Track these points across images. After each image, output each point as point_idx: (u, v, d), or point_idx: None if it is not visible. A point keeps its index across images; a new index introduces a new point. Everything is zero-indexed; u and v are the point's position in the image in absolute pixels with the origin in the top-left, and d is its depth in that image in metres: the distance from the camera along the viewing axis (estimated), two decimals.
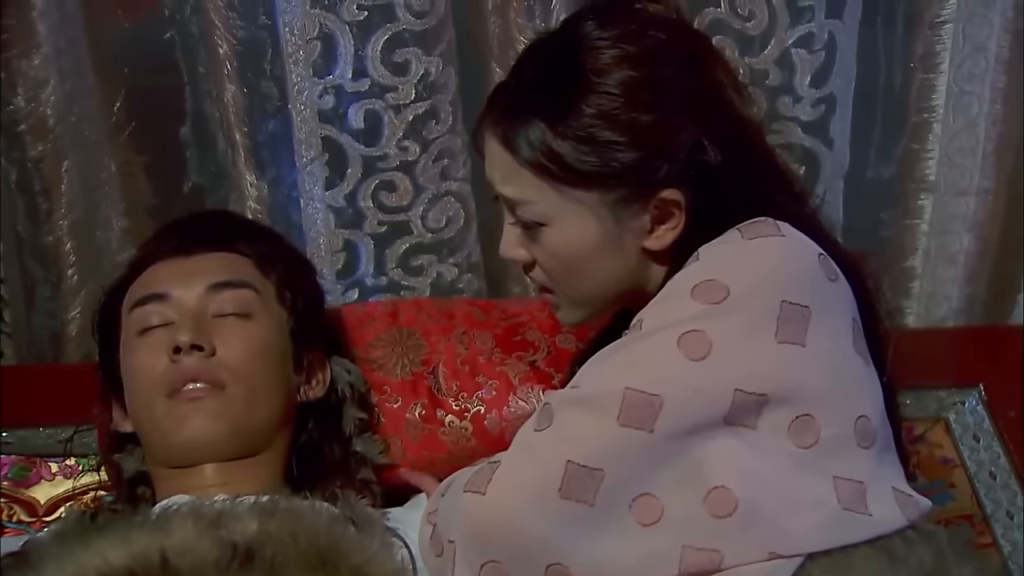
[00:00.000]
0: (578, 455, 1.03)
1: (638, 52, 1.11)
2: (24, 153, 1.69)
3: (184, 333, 1.24)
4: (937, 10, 1.71)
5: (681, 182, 1.11)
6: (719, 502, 1.02)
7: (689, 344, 1.04)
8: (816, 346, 1.05)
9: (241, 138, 1.70)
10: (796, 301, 1.05)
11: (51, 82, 1.66)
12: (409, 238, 1.76)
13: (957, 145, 1.78)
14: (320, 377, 1.36)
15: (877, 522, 1.04)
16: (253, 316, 1.29)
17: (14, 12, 1.63)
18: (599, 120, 1.10)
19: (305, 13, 1.60)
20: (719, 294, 1.05)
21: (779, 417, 1.04)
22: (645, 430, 1.02)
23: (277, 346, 1.30)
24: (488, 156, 1.18)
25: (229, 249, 1.34)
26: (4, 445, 1.54)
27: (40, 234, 1.74)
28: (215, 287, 1.29)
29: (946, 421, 1.57)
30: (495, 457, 1.12)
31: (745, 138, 1.15)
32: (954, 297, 1.87)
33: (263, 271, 1.33)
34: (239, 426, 1.24)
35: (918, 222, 1.85)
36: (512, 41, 1.66)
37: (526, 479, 1.05)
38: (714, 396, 1.03)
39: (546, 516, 1.03)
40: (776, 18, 1.66)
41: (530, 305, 1.56)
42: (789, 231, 1.10)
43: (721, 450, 1.03)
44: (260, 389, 1.26)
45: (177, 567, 0.86)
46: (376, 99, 1.66)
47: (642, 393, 1.02)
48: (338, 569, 0.89)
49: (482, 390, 1.45)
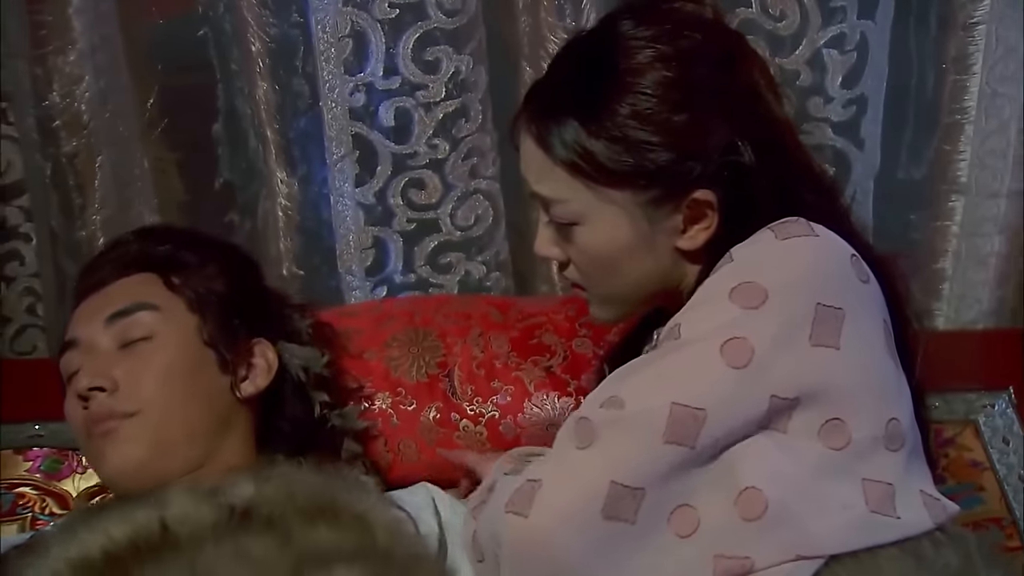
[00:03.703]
0: (622, 475, 1.02)
1: (673, 52, 1.11)
2: (58, 149, 1.71)
3: (82, 378, 1.25)
4: (970, 11, 1.69)
5: (714, 182, 1.11)
6: (750, 504, 1.02)
7: (732, 352, 1.03)
8: (849, 348, 1.05)
9: (272, 135, 1.71)
10: (830, 303, 1.05)
11: (86, 79, 1.67)
12: (438, 236, 1.76)
13: (989, 147, 1.77)
14: (261, 365, 1.33)
15: (905, 525, 1.04)
16: (154, 337, 1.27)
17: (50, 9, 1.64)
18: (633, 120, 1.10)
19: (337, 11, 1.61)
20: (757, 297, 1.04)
21: (811, 419, 1.04)
22: (688, 446, 1.02)
23: (187, 359, 1.28)
24: (523, 154, 1.18)
25: (135, 270, 1.33)
26: (37, 438, 1.56)
27: (73, 229, 1.75)
28: (110, 319, 1.28)
29: (975, 424, 1.56)
30: (534, 473, 1.08)
31: (779, 139, 1.15)
32: (984, 299, 1.86)
33: (168, 283, 1.31)
34: (159, 445, 1.23)
35: (949, 224, 1.83)
36: (542, 40, 1.67)
37: (570, 501, 1.04)
38: (753, 404, 1.03)
39: (589, 537, 1.02)
40: (808, 19, 1.65)
41: (547, 305, 1.56)
42: (822, 231, 1.10)
43: (752, 451, 1.03)
44: (173, 406, 1.25)
45: (177, 534, 0.87)
46: (407, 97, 1.67)
47: (687, 407, 1.01)
48: (338, 516, 0.90)
49: (497, 395, 1.45)
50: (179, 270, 1.32)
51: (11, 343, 1.86)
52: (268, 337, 1.35)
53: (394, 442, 1.45)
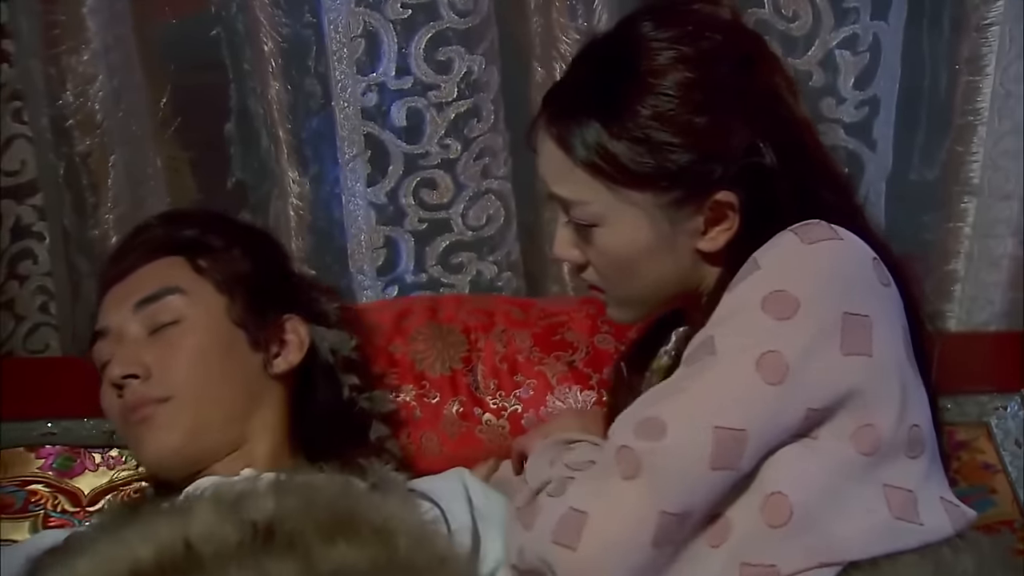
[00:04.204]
0: (671, 505, 1.01)
1: (695, 53, 1.10)
2: (72, 148, 1.71)
3: (114, 367, 1.26)
4: (984, 12, 1.69)
5: (735, 184, 1.10)
6: (775, 510, 1.01)
7: (767, 367, 1.02)
8: (880, 355, 1.04)
9: (284, 135, 1.71)
10: (857, 311, 1.04)
11: (99, 78, 1.68)
12: (449, 236, 1.77)
13: (1002, 148, 1.76)
14: (294, 341, 1.33)
15: (927, 531, 1.03)
16: (183, 320, 1.27)
17: (64, 8, 1.65)
18: (655, 121, 1.09)
19: (350, 11, 1.62)
20: (789, 307, 1.03)
21: (842, 424, 1.03)
22: (734, 469, 1.01)
23: (217, 340, 1.28)
24: (542, 155, 1.17)
25: (161, 254, 1.33)
26: (49, 436, 1.56)
27: (86, 228, 1.76)
28: (139, 305, 1.28)
29: (988, 426, 1.56)
30: (577, 500, 1.05)
31: (800, 140, 1.14)
32: (997, 301, 1.85)
33: (195, 266, 1.31)
34: (195, 429, 1.24)
35: (961, 225, 1.82)
36: (554, 40, 1.67)
37: (619, 532, 1.02)
38: (790, 418, 1.02)
39: (638, 565, 1.02)
40: (820, 19, 1.65)
41: (569, 305, 1.57)
42: (845, 234, 1.09)
43: (778, 454, 1.03)
44: (206, 388, 1.26)
45: (201, 554, 0.88)
46: (419, 97, 1.67)
47: (729, 430, 1.01)
48: (358, 531, 0.91)
49: (520, 389, 1.46)
50: (205, 253, 1.32)
51: (24, 341, 1.86)
52: (300, 313, 1.35)
53: (416, 435, 1.47)
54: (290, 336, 1.33)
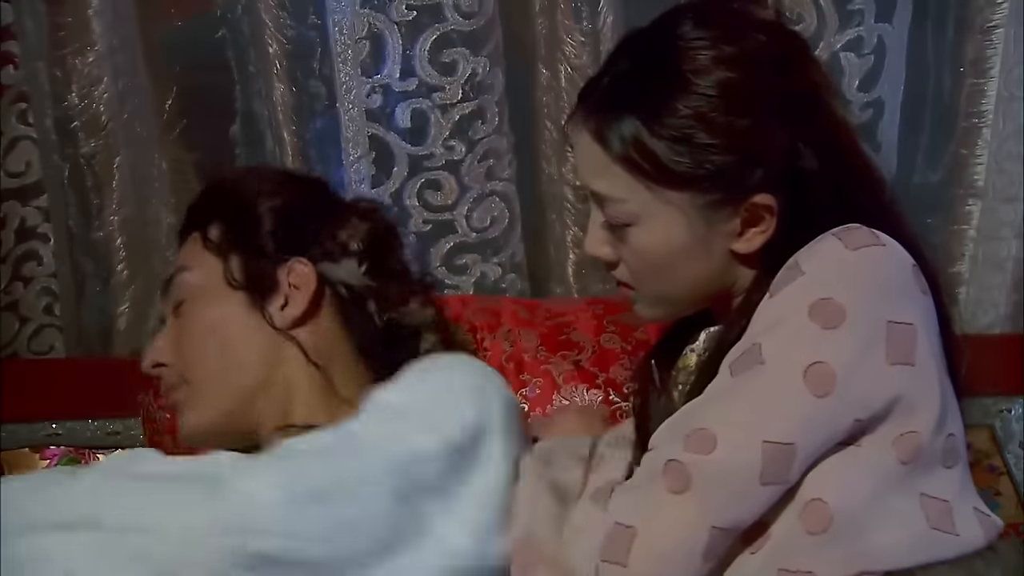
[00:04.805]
0: (722, 520, 1.00)
1: (737, 53, 1.08)
2: (77, 149, 1.72)
3: (144, 358, 1.28)
4: (988, 15, 1.69)
5: (774, 187, 1.08)
6: (815, 517, 1.00)
7: (815, 379, 1.00)
8: (922, 363, 1.03)
9: (289, 136, 1.72)
10: (901, 319, 1.02)
11: (104, 80, 1.69)
12: (453, 237, 1.77)
13: (1006, 151, 1.76)
14: (296, 287, 1.27)
15: (963, 542, 1.02)
16: (189, 297, 1.27)
17: (70, 11, 1.66)
18: (695, 121, 1.07)
19: (354, 13, 1.62)
20: (837, 316, 1.01)
21: (884, 433, 1.02)
22: (783, 482, 1.01)
23: (216, 310, 1.26)
24: (577, 150, 1.15)
25: (190, 231, 1.31)
26: (54, 437, 1.57)
27: (91, 229, 1.77)
28: (165, 290, 1.30)
29: (992, 428, 1.56)
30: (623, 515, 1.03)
31: (840, 143, 1.11)
32: (1001, 304, 1.85)
33: (204, 237, 1.29)
34: (214, 406, 1.24)
35: (965, 228, 1.82)
36: (559, 43, 1.67)
37: (671, 548, 1.01)
38: (836, 429, 1.01)
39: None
40: (825, 21, 1.65)
41: (574, 305, 1.57)
42: (887, 240, 1.07)
43: (821, 462, 1.01)
44: (216, 360, 1.24)
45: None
46: (423, 99, 1.68)
47: (778, 444, 1.00)
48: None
49: (526, 388, 1.46)
50: (214, 221, 1.29)
51: (28, 342, 1.87)
52: (307, 255, 1.29)
53: None
54: (293, 280, 1.28)
